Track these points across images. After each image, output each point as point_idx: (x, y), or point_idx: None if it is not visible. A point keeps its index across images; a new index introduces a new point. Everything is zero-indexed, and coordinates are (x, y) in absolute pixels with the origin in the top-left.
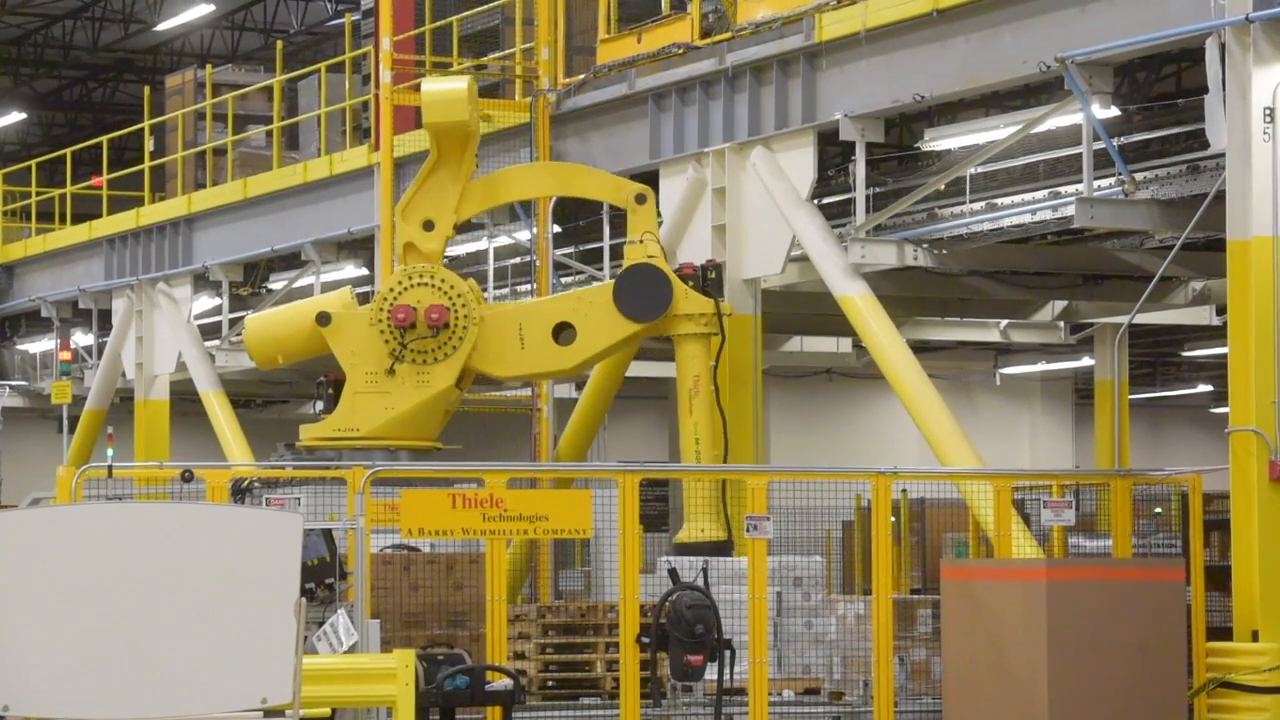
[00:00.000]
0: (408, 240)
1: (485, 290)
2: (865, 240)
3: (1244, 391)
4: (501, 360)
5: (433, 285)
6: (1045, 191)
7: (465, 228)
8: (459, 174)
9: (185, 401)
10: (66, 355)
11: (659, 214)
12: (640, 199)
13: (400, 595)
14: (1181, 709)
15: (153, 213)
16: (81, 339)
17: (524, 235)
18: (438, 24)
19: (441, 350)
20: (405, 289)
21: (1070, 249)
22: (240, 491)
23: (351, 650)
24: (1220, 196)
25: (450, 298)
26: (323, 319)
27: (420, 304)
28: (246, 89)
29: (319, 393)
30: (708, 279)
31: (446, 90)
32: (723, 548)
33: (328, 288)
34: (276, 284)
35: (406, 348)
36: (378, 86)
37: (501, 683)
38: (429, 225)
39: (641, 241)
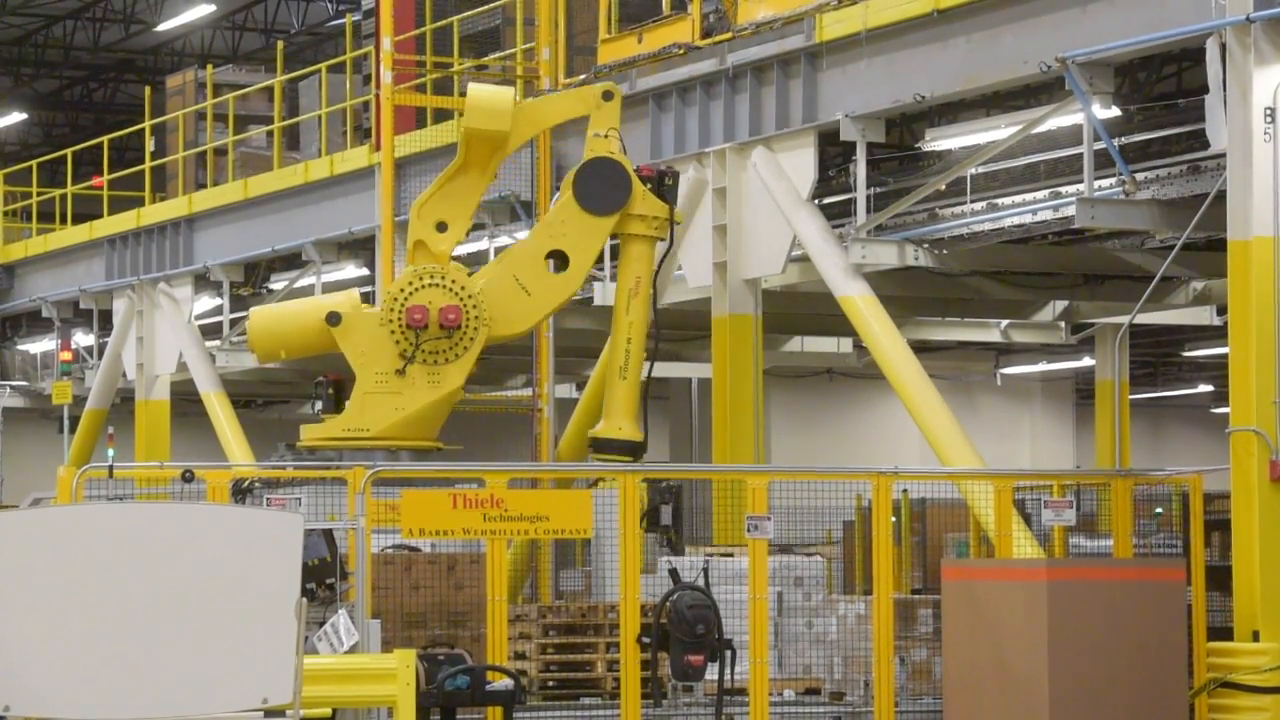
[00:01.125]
0: (419, 239)
1: None
2: (866, 240)
3: (1244, 391)
4: (515, 317)
5: (443, 286)
6: (1046, 191)
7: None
8: (482, 182)
9: (186, 402)
10: (67, 355)
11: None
12: (607, 95)
13: (401, 595)
14: (1182, 709)
15: (153, 213)
16: (82, 339)
17: (524, 235)
18: (438, 24)
19: (453, 350)
20: (416, 289)
21: (1071, 249)
22: (241, 492)
23: (352, 650)
24: (1221, 197)
25: (461, 298)
26: (333, 319)
27: (433, 304)
28: (247, 89)
29: (318, 392)
30: (665, 185)
31: (492, 97)
32: (637, 449)
33: (329, 288)
34: (277, 284)
35: (419, 348)
36: (378, 87)
37: (502, 683)
38: (442, 226)
39: (606, 136)
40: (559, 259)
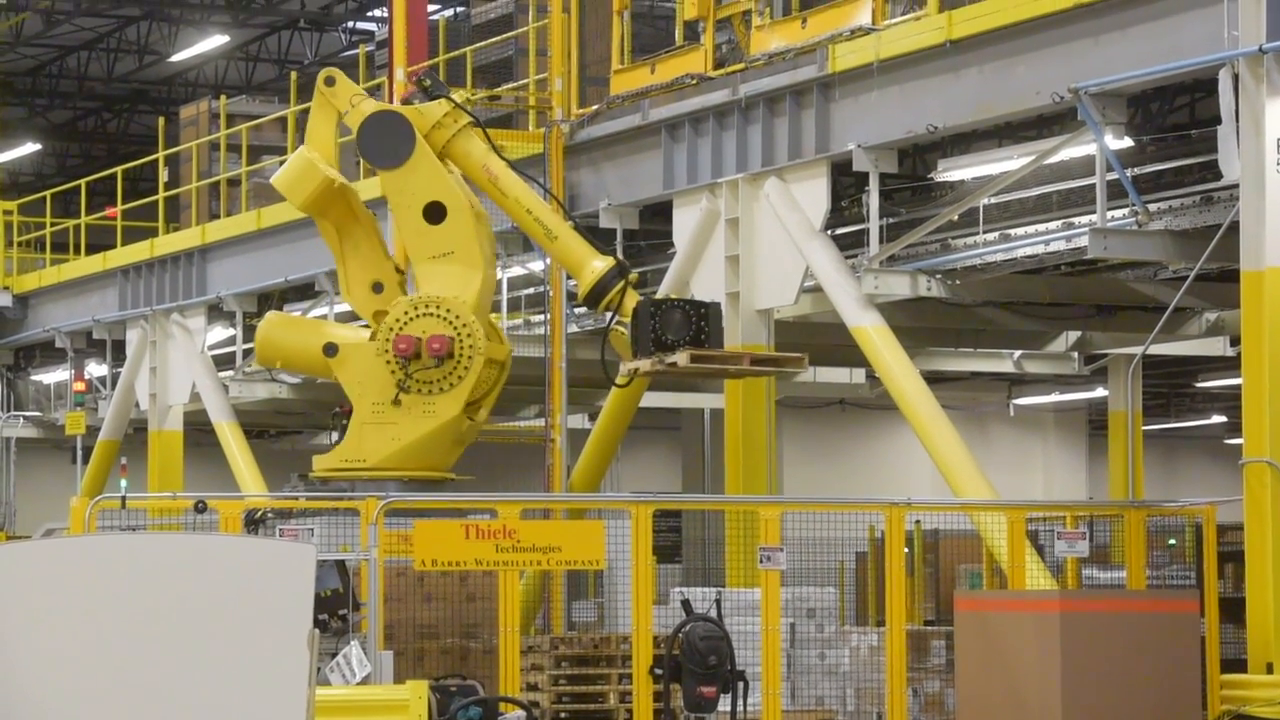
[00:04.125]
0: (374, 310)
1: (501, 321)
2: (879, 271)
3: (1258, 422)
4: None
5: (438, 315)
6: (1059, 222)
7: None
8: (367, 228)
9: (199, 432)
10: (80, 386)
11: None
12: (328, 81)
13: (413, 607)
14: None
15: (167, 243)
16: (95, 369)
17: (538, 266)
18: (452, 55)
19: (446, 380)
20: (411, 319)
21: (1084, 280)
22: (254, 522)
23: (364, 682)
24: (1234, 227)
25: (455, 328)
26: (330, 350)
27: (425, 334)
28: (260, 120)
29: (334, 423)
30: (425, 87)
31: (290, 168)
32: (623, 269)
33: (340, 318)
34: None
35: (411, 378)
36: None
37: (515, 714)
38: (378, 287)
39: (355, 106)
40: (437, 212)
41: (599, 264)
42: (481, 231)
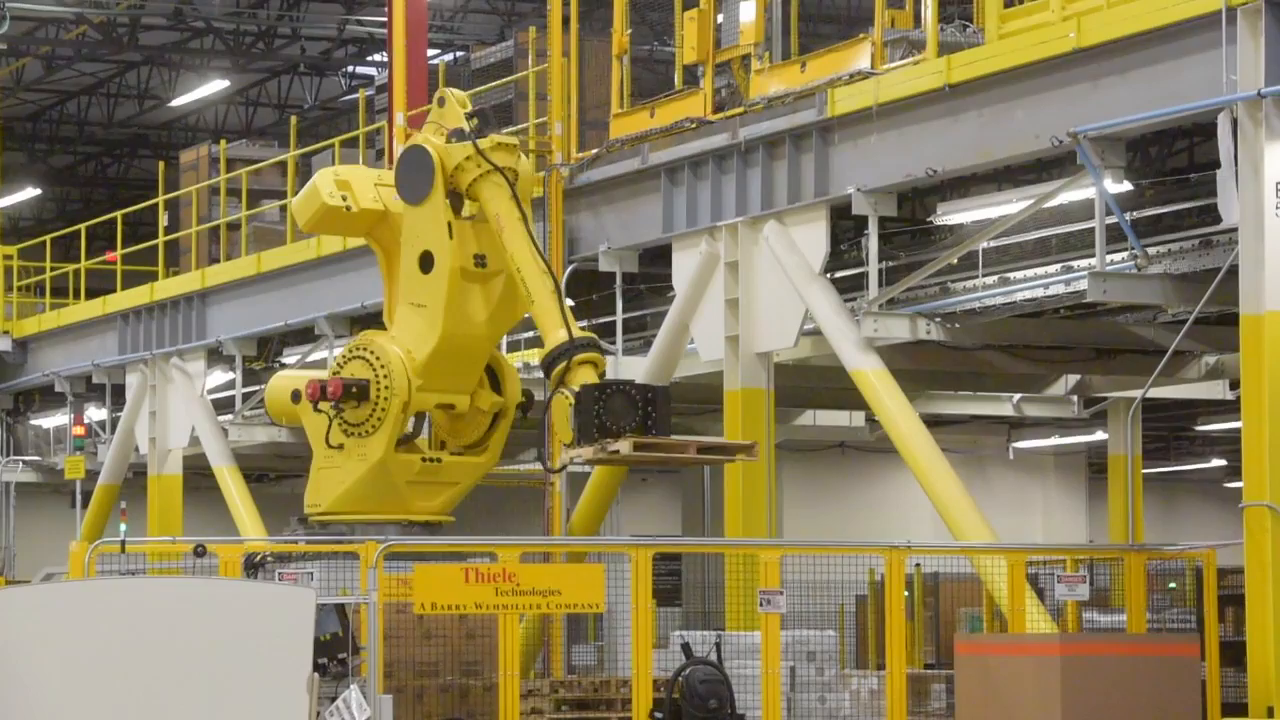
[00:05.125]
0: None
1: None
2: (878, 314)
3: (1258, 466)
4: (424, 338)
5: (364, 358)
6: (1058, 266)
7: None
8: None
9: (198, 476)
10: (80, 430)
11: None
12: (440, 101)
13: (413, 644)
14: None
15: (166, 287)
16: (95, 414)
17: None
18: None
19: (370, 423)
20: (346, 361)
21: (1083, 323)
22: (253, 566)
23: None
24: (1233, 271)
25: (375, 370)
26: (294, 396)
27: (354, 376)
28: (260, 164)
29: None
30: (468, 128)
31: (304, 190)
32: (591, 344)
33: None
34: (290, 358)
35: (343, 420)
36: (391, 161)
37: None
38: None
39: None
40: (427, 262)
41: (561, 333)
42: (470, 292)
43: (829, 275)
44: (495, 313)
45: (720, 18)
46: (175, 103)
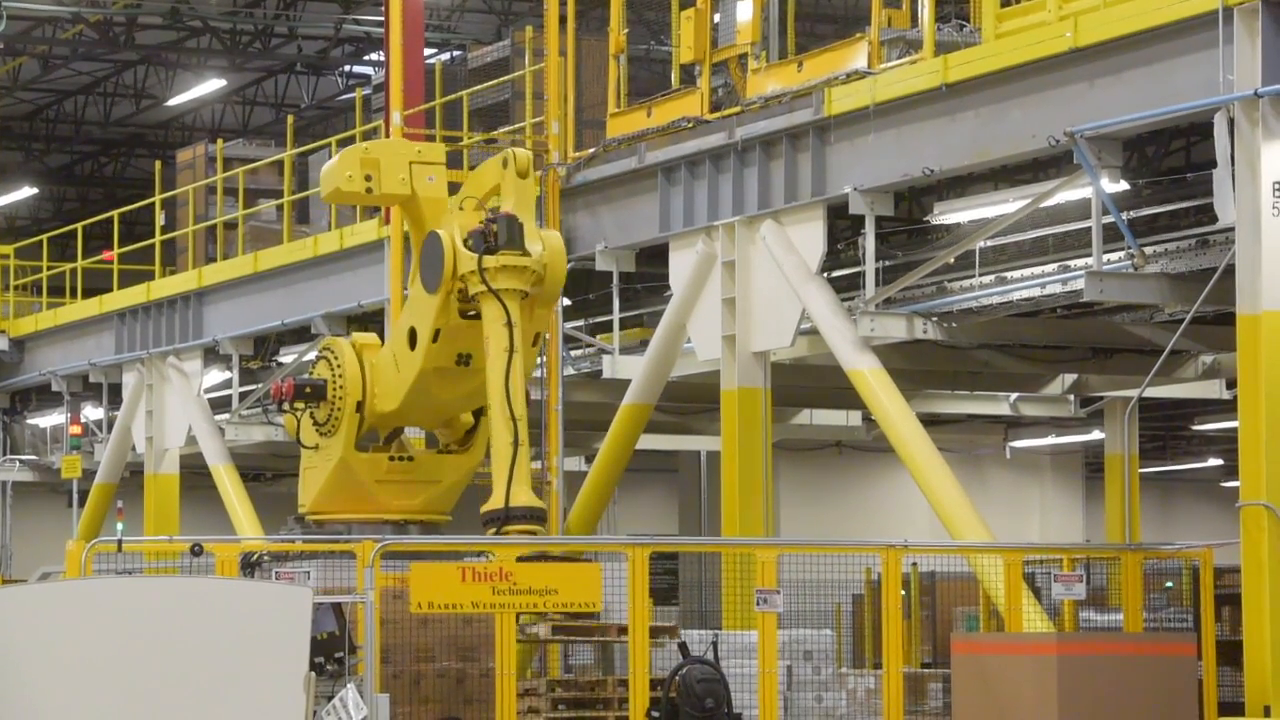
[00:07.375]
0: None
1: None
2: (875, 313)
3: (1255, 465)
4: (390, 392)
5: (326, 359)
6: (1054, 265)
7: None
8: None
9: (195, 475)
10: (77, 429)
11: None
12: (505, 162)
13: (410, 630)
14: None
15: (163, 287)
16: (92, 413)
17: None
18: (448, 98)
19: (330, 425)
20: (316, 362)
21: (1080, 322)
22: (250, 565)
23: None
24: (1230, 270)
25: (333, 370)
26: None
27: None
28: (257, 163)
29: None
30: (489, 231)
31: (327, 167)
32: (540, 515)
33: None
34: (286, 357)
35: (314, 420)
36: None
37: None
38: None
39: (460, 208)
40: (412, 340)
41: (500, 497)
42: (444, 380)
43: (826, 275)
44: (471, 394)
45: (717, 17)
46: (172, 102)
